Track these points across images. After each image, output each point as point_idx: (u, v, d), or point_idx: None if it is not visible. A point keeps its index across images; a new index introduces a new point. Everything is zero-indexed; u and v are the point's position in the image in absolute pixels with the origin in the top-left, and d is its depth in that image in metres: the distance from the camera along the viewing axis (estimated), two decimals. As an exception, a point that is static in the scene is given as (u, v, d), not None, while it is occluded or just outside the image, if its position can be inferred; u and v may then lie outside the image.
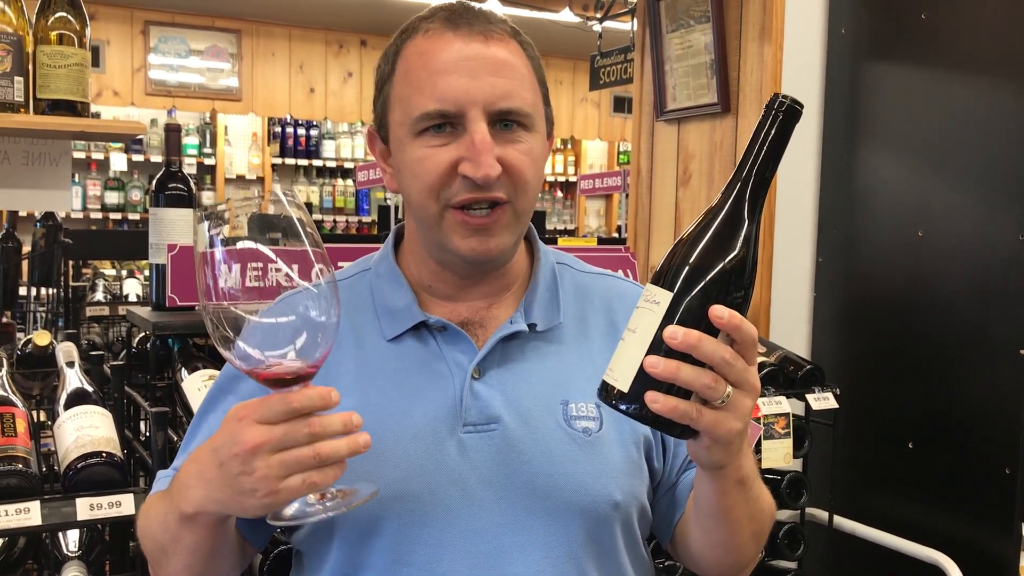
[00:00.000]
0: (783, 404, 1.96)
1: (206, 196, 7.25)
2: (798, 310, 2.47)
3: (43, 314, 3.40)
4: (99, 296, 3.77)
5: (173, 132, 1.87)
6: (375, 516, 1.01)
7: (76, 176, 6.72)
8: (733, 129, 2.44)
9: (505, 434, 1.04)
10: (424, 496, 1.01)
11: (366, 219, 7.75)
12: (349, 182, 7.72)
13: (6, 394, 1.45)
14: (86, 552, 1.57)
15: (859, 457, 2.32)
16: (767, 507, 1.07)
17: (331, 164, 7.69)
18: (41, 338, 1.84)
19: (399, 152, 1.07)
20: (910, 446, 2.20)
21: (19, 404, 1.42)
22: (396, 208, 4.79)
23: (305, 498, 0.86)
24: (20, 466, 1.29)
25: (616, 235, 6.92)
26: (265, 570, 1.43)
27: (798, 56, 2.39)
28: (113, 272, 4.81)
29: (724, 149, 2.46)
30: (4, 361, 1.59)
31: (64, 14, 1.72)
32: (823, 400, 2.07)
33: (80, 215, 6.77)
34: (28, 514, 1.25)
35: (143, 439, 1.79)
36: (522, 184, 1.04)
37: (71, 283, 3.39)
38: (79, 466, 1.33)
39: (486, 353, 1.07)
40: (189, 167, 7.09)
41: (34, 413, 1.65)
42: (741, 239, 0.83)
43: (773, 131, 0.84)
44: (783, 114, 0.83)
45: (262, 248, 0.85)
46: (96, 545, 1.60)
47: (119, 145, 6.73)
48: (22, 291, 3.28)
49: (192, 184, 1.86)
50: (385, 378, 1.06)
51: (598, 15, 4.45)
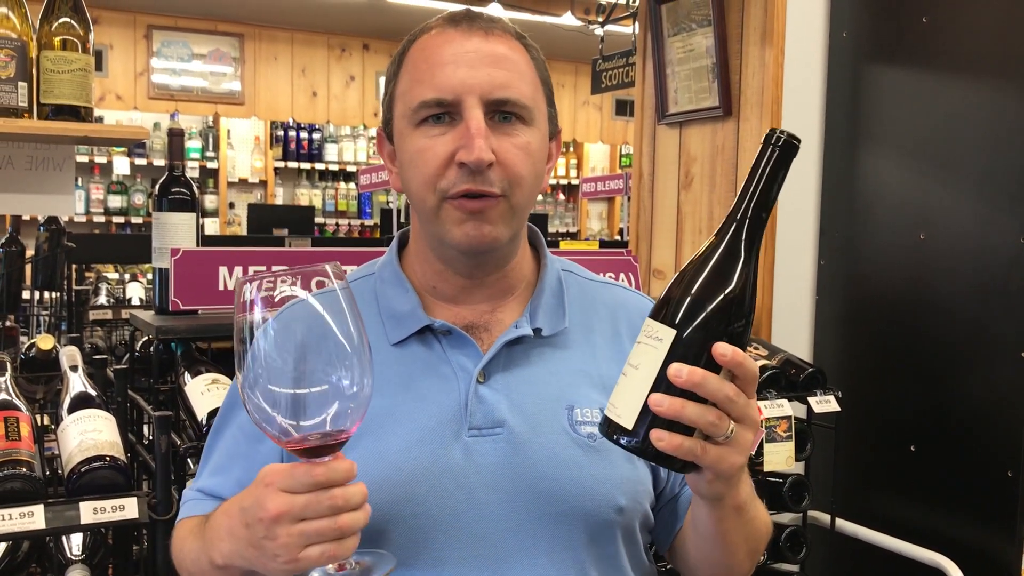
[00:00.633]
0: (785, 407, 1.96)
1: (209, 200, 7.27)
2: (800, 313, 2.47)
3: (47, 318, 3.40)
4: (102, 300, 3.77)
5: (176, 137, 1.87)
6: (381, 519, 1.01)
7: (79, 179, 6.74)
8: (735, 132, 2.44)
9: (510, 438, 1.04)
10: (429, 499, 1.02)
11: (368, 222, 7.76)
12: (351, 185, 7.74)
13: (10, 398, 1.45)
14: (90, 556, 1.58)
15: (861, 460, 2.32)
16: (763, 526, 1.08)
17: (333, 167, 7.71)
18: (45, 342, 1.85)
19: (401, 145, 1.08)
20: (912, 449, 2.20)
21: (23, 408, 1.43)
22: (399, 211, 4.80)
23: (325, 568, 0.88)
24: (24, 470, 1.29)
25: (618, 238, 6.92)
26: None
27: (799, 60, 2.40)
28: (116, 276, 4.81)
29: (726, 152, 2.47)
30: (8, 365, 1.59)
31: (68, 20, 1.73)
32: (825, 403, 2.06)
33: (83, 219, 6.79)
34: (32, 518, 1.25)
35: (146, 443, 1.79)
36: (516, 178, 1.04)
37: (74, 287, 3.39)
38: (83, 470, 1.33)
39: (491, 357, 1.07)
40: (192, 170, 7.12)
41: (38, 417, 1.66)
42: (741, 275, 0.83)
43: (770, 166, 0.84)
44: (780, 149, 0.84)
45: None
46: (99, 549, 1.61)
47: (122, 149, 6.75)
48: (25, 295, 3.29)
49: (195, 188, 1.87)
50: (390, 382, 1.06)
51: (600, 19, 4.46)
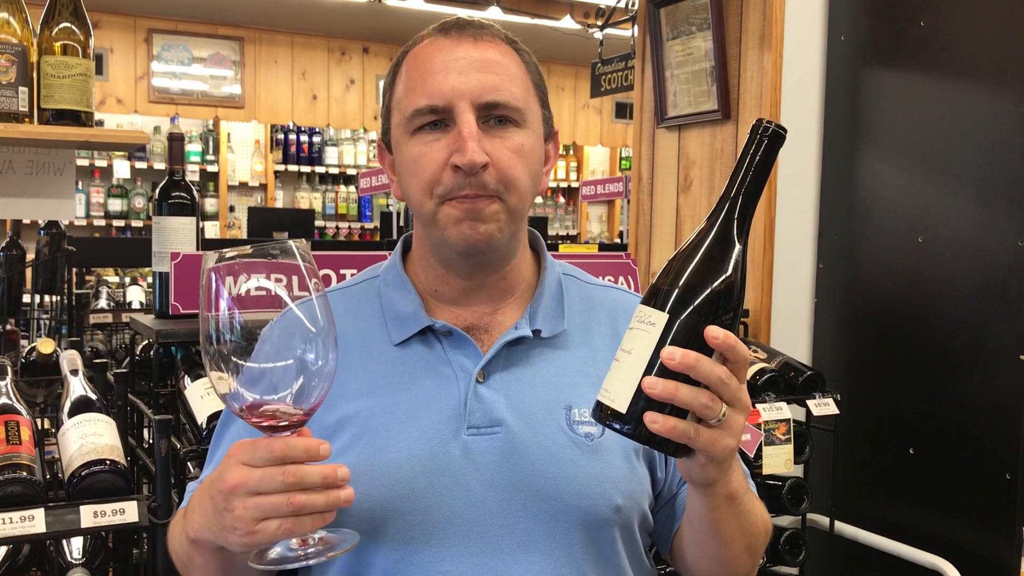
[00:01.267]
0: (784, 410, 1.96)
1: (209, 203, 7.28)
2: (799, 316, 2.47)
3: (47, 322, 3.41)
4: (102, 303, 3.77)
5: (176, 141, 1.88)
6: (380, 517, 1.03)
7: (79, 183, 6.74)
8: (734, 136, 2.45)
9: (508, 437, 1.06)
10: (428, 497, 1.03)
11: (368, 226, 7.77)
12: (352, 188, 7.74)
13: (10, 402, 1.46)
14: (90, 559, 1.58)
15: (860, 462, 2.32)
16: (759, 521, 1.09)
17: (334, 171, 7.71)
18: (45, 346, 1.85)
19: (399, 154, 1.11)
20: (911, 451, 2.21)
21: (23, 412, 1.43)
22: (399, 214, 4.81)
23: (288, 542, 0.88)
24: (24, 474, 1.29)
25: (618, 240, 6.93)
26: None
27: (798, 63, 2.40)
28: (116, 279, 4.82)
29: (725, 156, 2.47)
30: (8, 369, 1.59)
31: (68, 24, 1.73)
32: (824, 406, 2.07)
33: (83, 222, 6.79)
34: (32, 521, 1.26)
35: (147, 446, 1.80)
36: (511, 179, 1.05)
37: (75, 290, 3.39)
38: (83, 474, 1.33)
39: (491, 357, 1.09)
40: (192, 174, 7.12)
41: (38, 421, 1.66)
42: (732, 260, 0.85)
43: (758, 155, 0.86)
44: (767, 138, 0.86)
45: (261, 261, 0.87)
46: (100, 552, 1.61)
47: (122, 152, 6.75)
48: (26, 299, 3.29)
49: (195, 192, 1.88)
50: (391, 381, 1.08)
51: (599, 22, 4.46)
